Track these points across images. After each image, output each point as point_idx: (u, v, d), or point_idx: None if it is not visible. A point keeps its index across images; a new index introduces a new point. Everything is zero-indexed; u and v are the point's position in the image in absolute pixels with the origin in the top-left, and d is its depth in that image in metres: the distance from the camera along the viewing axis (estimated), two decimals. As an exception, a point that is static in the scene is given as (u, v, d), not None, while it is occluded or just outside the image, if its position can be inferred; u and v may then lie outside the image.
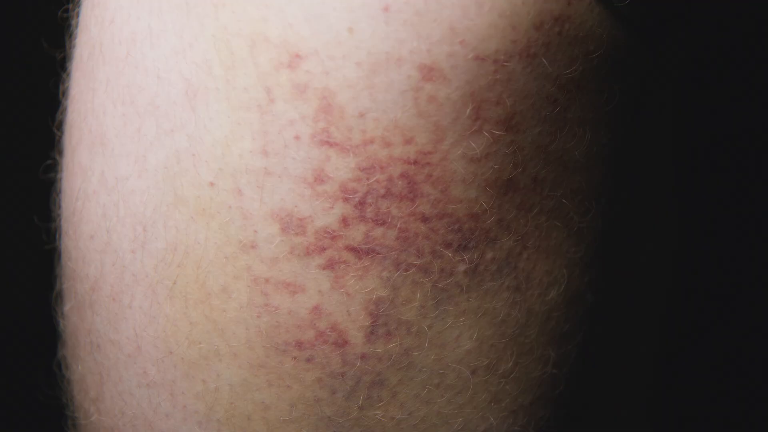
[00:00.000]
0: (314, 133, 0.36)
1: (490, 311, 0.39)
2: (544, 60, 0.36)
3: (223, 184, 0.37)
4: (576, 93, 0.38)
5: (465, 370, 0.39)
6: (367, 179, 0.36)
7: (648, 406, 0.56)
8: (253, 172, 0.36)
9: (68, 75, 0.43)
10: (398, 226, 0.37)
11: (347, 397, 0.38)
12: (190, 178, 0.37)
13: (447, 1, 0.35)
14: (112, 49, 0.39)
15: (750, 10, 0.44)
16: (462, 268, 0.38)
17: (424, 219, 0.37)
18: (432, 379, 0.39)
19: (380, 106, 0.36)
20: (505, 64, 0.36)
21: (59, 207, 0.43)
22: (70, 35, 0.43)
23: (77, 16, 0.42)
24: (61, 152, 0.43)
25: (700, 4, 0.39)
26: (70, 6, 0.43)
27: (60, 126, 0.44)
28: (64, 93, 0.43)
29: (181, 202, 0.37)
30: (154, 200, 0.38)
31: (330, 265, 0.37)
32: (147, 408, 0.40)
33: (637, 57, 0.39)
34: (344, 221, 0.37)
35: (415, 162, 0.36)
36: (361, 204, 0.37)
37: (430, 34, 0.35)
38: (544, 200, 0.39)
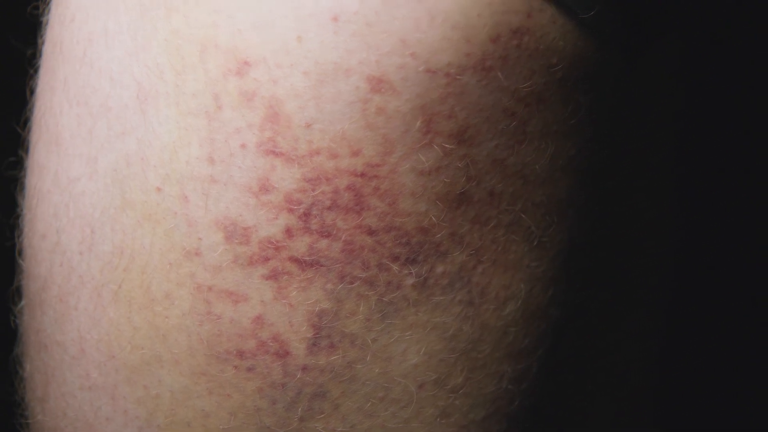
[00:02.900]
0: (260, 142, 0.35)
1: (440, 325, 0.38)
2: (499, 74, 0.36)
3: (170, 190, 0.37)
4: (537, 106, 0.37)
5: (411, 385, 0.39)
6: (313, 190, 0.36)
7: (636, 413, 0.55)
8: (199, 179, 0.36)
9: (36, 72, 0.43)
10: (343, 238, 0.36)
11: (287, 408, 0.38)
12: (139, 182, 0.37)
13: (398, 13, 0.34)
14: (71, 48, 0.39)
15: (725, 15, 0.43)
16: (410, 281, 0.38)
17: (371, 232, 0.37)
18: (376, 393, 0.39)
19: (327, 116, 0.35)
20: (458, 77, 0.35)
21: (21, 205, 0.43)
22: (41, 32, 0.43)
23: (47, 12, 0.42)
24: (26, 150, 0.43)
25: (678, 10, 0.38)
26: (41, 3, 0.43)
27: (26, 123, 0.44)
28: (33, 90, 0.43)
29: (128, 205, 0.37)
30: (102, 203, 0.38)
31: (273, 276, 0.37)
32: (88, 411, 0.39)
33: (609, 67, 0.38)
34: (288, 232, 0.36)
35: (363, 174, 0.36)
36: (306, 215, 0.36)
37: (380, 46, 0.34)
38: (502, 214, 0.38)
